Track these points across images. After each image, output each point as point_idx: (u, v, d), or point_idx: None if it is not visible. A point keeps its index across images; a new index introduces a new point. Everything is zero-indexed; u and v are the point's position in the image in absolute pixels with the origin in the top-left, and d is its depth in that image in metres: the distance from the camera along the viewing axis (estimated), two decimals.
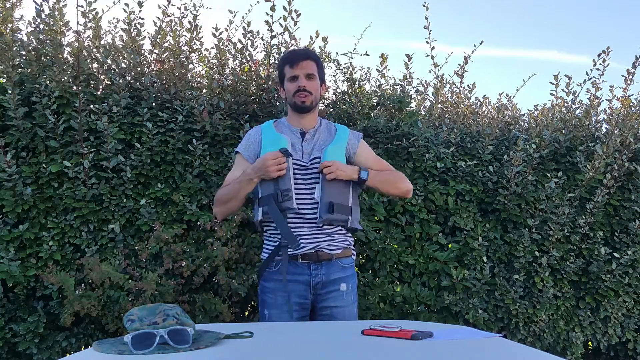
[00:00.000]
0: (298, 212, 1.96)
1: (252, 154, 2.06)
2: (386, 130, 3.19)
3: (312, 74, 2.03)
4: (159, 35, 3.10)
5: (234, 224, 2.86)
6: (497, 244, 3.18)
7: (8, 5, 2.94)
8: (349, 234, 2.10)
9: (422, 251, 3.12)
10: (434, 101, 3.49)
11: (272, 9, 3.07)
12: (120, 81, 2.88)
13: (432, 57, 3.43)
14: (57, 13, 2.89)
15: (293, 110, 2.08)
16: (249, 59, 3.19)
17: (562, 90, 3.46)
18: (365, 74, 3.49)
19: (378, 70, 3.40)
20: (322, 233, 2.00)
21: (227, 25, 3.24)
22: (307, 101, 2.02)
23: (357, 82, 3.39)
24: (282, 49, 3.19)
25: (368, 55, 3.35)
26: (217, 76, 3.15)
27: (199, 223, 2.89)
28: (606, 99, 3.51)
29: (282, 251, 1.95)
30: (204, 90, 3.14)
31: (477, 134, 3.34)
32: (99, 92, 2.95)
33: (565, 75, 3.45)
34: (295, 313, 1.99)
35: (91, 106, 2.82)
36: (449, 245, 3.13)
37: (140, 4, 3.02)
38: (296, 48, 2.66)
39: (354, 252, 2.14)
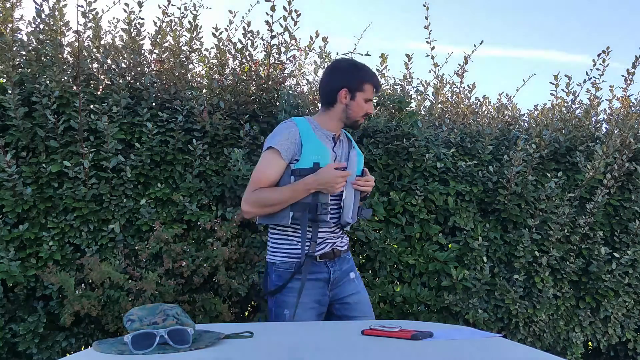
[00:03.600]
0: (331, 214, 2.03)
1: (290, 155, 1.98)
2: (386, 130, 3.19)
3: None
4: (159, 35, 3.10)
5: (234, 224, 2.86)
6: (497, 244, 3.18)
7: (8, 5, 2.94)
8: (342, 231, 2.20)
9: (422, 251, 3.12)
10: (434, 101, 3.49)
11: (272, 9, 3.07)
12: (120, 81, 2.88)
13: (432, 57, 3.43)
14: (57, 13, 2.89)
15: (343, 122, 2.09)
16: (249, 59, 3.19)
17: (562, 90, 3.46)
18: None
19: (378, 70, 3.40)
20: (336, 233, 2.10)
21: (227, 25, 3.24)
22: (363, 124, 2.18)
23: None
24: (282, 49, 3.19)
25: (369, 55, 3.35)
26: (217, 76, 3.15)
27: (199, 223, 2.89)
28: (606, 99, 3.52)
29: (305, 258, 1.98)
30: (204, 90, 3.14)
31: (477, 134, 3.34)
32: (99, 92, 2.95)
33: (565, 75, 3.45)
34: (315, 310, 2.01)
35: (91, 106, 2.82)
36: (449, 245, 3.13)
37: (140, 4, 3.02)
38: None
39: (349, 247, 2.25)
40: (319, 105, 2.21)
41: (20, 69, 2.84)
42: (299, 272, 1.97)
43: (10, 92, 2.67)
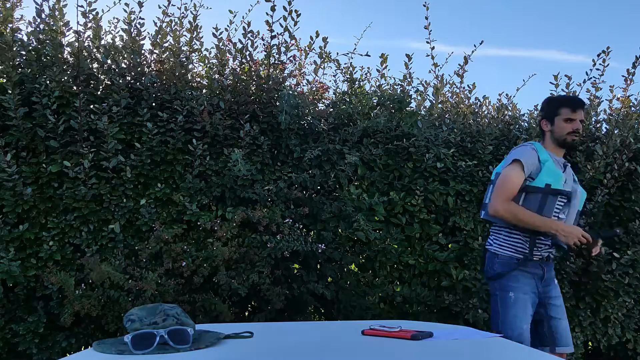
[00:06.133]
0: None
1: (529, 171, 2.30)
2: (386, 130, 3.19)
3: (583, 120, 2.36)
4: (159, 35, 3.10)
5: (234, 224, 2.86)
6: None
7: (8, 5, 2.94)
8: None
9: (422, 251, 3.12)
10: (434, 101, 3.49)
11: (272, 9, 3.07)
12: (120, 81, 2.88)
13: (432, 57, 3.43)
14: (57, 13, 2.89)
15: (558, 145, 2.36)
16: (249, 59, 3.19)
17: (562, 90, 3.45)
18: (365, 74, 3.49)
19: (378, 70, 3.40)
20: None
21: (227, 25, 3.24)
22: (576, 140, 2.35)
23: (357, 82, 3.39)
24: (282, 49, 3.19)
25: (369, 55, 3.35)
26: (217, 76, 3.15)
27: (199, 223, 2.89)
28: (606, 99, 3.51)
29: (526, 257, 2.31)
30: (204, 90, 3.14)
31: (477, 134, 3.34)
32: (99, 92, 2.95)
33: (565, 75, 3.45)
34: (530, 298, 2.30)
35: (91, 106, 2.82)
36: (449, 245, 3.13)
37: (140, 4, 3.02)
38: (577, 97, 2.88)
39: None
40: (319, 105, 2.28)
41: (20, 69, 2.84)
42: (523, 265, 2.30)
43: (10, 92, 2.67)
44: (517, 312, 2.24)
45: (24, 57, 2.87)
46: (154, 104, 2.99)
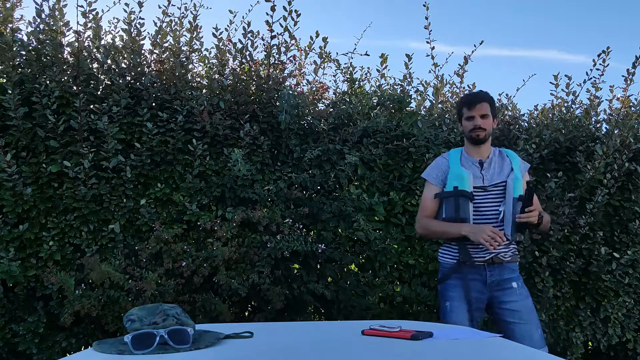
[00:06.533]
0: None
1: (439, 181, 2.43)
2: (386, 130, 3.19)
3: (486, 114, 2.38)
4: (159, 35, 3.10)
5: (234, 224, 2.86)
6: None
7: (8, 5, 2.94)
8: (514, 244, 2.42)
9: (422, 251, 3.12)
10: (434, 101, 3.48)
11: (272, 9, 3.07)
12: (120, 81, 2.88)
13: (432, 57, 3.43)
14: (57, 13, 2.89)
15: (470, 143, 2.42)
16: (249, 59, 3.19)
17: (562, 90, 3.46)
18: (365, 74, 3.49)
19: (378, 70, 3.40)
20: (501, 245, 2.29)
21: (227, 25, 3.24)
22: (481, 135, 2.37)
23: (357, 82, 3.39)
24: (282, 49, 3.19)
25: (368, 55, 3.35)
26: (217, 76, 3.14)
27: (199, 223, 2.89)
28: (606, 99, 3.51)
29: (461, 263, 2.35)
30: (204, 90, 3.14)
31: None
32: (99, 92, 2.95)
33: (565, 75, 3.45)
34: (468, 305, 2.32)
35: (91, 106, 2.82)
36: None
37: (140, 4, 3.02)
38: (473, 91, 2.96)
39: (518, 258, 2.44)
40: (319, 105, 2.29)
41: (20, 69, 2.84)
42: (457, 272, 2.35)
43: (10, 92, 2.67)
44: (455, 321, 2.28)
45: (24, 57, 2.87)
46: (154, 104, 2.99)
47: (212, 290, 2.89)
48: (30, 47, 2.87)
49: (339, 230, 3.10)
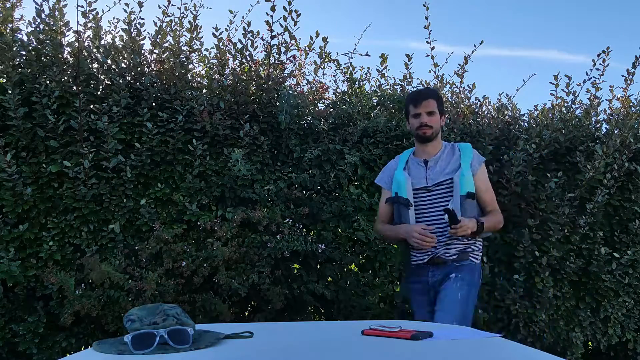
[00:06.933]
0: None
1: (388, 185, 2.45)
2: (386, 130, 3.18)
3: (432, 111, 2.34)
4: (159, 35, 3.09)
5: (234, 224, 2.86)
6: (497, 244, 3.18)
7: (8, 5, 2.94)
8: (471, 240, 2.34)
9: None
10: None
11: (272, 9, 3.07)
12: (120, 81, 2.87)
13: (432, 57, 3.43)
14: (57, 13, 2.89)
15: (418, 141, 2.40)
16: (249, 59, 3.19)
17: (562, 90, 3.46)
18: (365, 74, 3.49)
19: (378, 70, 3.40)
20: (439, 244, 2.30)
21: (227, 25, 3.24)
22: (428, 133, 2.35)
23: (357, 82, 3.39)
24: (282, 49, 3.19)
25: (369, 55, 3.35)
26: (217, 76, 3.14)
27: (199, 223, 2.89)
28: (606, 99, 3.51)
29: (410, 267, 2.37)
30: (204, 90, 3.14)
31: (477, 134, 3.34)
32: (99, 92, 2.95)
33: (565, 75, 3.45)
34: (426, 307, 2.35)
35: (91, 106, 2.82)
36: None
37: (140, 4, 3.02)
38: (421, 89, 2.94)
39: (475, 256, 2.35)
40: (319, 105, 2.30)
41: (20, 69, 2.84)
42: (411, 274, 2.40)
43: (10, 92, 2.67)
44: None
45: (24, 57, 2.87)
46: (154, 104, 2.99)
47: (212, 290, 2.89)
48: (30, 47, 2.87)
49: (339, 230, 3.10)
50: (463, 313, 2.22)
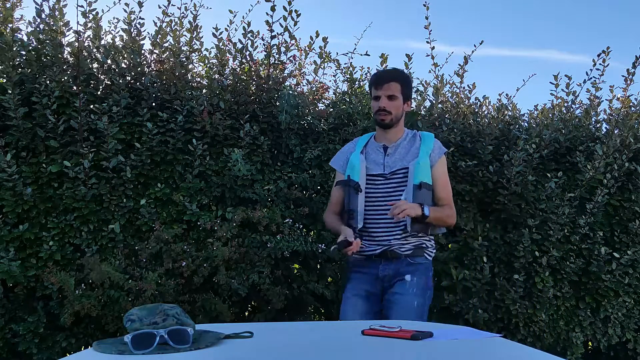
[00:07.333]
0: (379, 219, 2.23)
1: (343, 169, 2.34)
2: None
3: (393, 95, 2.22)
4: (159, 35, 3.09)
5: (234, 224, 2.86)
6: (497, 244, 3.18)
7: (8, 5, 2.94)
8: (425, 236, 2.27)
9: None
10: (433, 101, 3.48)
11: (272, 9, 3.07)
12: (120, 81, 2.87)
13: (432, 57, 3.43)
14: (57, 13, 2.89)
15: (378, 126, 2.31)
16: (249, 59, 3.19)
17: (562, 90, 3.46)
18: (365, 74, 3.49)
19: (378, 71, 3.40)
20: (395, 237, 2.22)
21: (227, 25, 3.24)
22: (386, 119, 2.24)
23: (357, 82, 3.39)
24: (282, 49, 3.19)
25: (369, 55, 3.35)
26: (217, 76, 3.14)
27: (199, 223, 2.89)
28: (606, 99, 3.51)
29: (354, 257, 2.28)
30: (204, 90, 3.14)
31: (477, 134, 3.34)
32: (99, 92, 2.95)
33: (565, 75, 3.45)
34: (362, 299, 2.27)
35: (91, 106, 2.81)
36: (449, 245, 3.12)
37: (140, 4, 3.02)
38: (385, 70, 2.80)
39: (429, 253, 2.30)
40: (319, 105, 2.29)
41: (20, 69, 2.84)
42: (354, 265, 2.33)
43: (10, 92, 2.67)
44: (346, 310, 2.26)
45: (24, 57, 2.87)
46: (154, 104, 2.99)
47: (212, 290, 2.89)
48: (30, 47, 2.87)
49: None
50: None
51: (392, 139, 2.29)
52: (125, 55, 3.02)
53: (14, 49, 2.80)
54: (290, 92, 3.09)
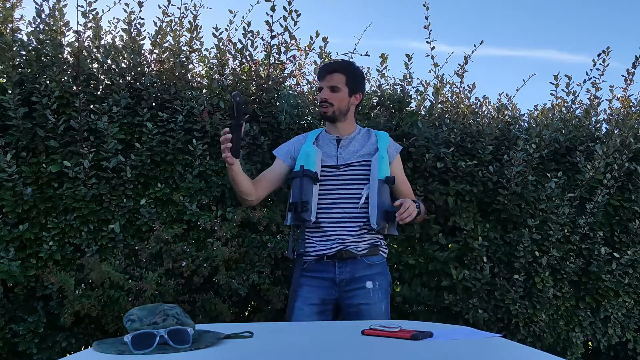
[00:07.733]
0: (332, 213, 2.13)
1: (288, 156, 2.26)
2: (386, 130, 3.18)
3: (336, 87, 2.15)
4: (159, 35, 3.10)
5: (234, 224, 2.86)
6: (497, 244, 3.18)
7: (8, 5, 2.94)
8: (379, 234, 2.18)
9: (422, 251, 3.12)
10: (434, 101, 3.48)
11: (272, 9, 3.07)
12: (120, 81, 2.88)
13: (432, 57, 3.43)
14: (57, 13, 2.89)
15: (322, 119, 2.29)
16: (249, 59, 3.19)
17: (562, 90, 3.46)
18: (365, 74, 3.48)
19: (378, 70, 3.40)
20: (350, 233, 2.11)
21: (227, 25, 3.24)
22: (328, 112, 2.18)
23: None
24: (282, 49, 3.20)
25: (369, 55, 3.35)
26: (217, 76, 3.15)
27: (199, 223, 2.89)
28: (606, 99, 3.51)
29: (304, 257, 2.14)
30: (204, 90, 3.14)
31: (477, 134, 3.34)
32: (99, 92, 2.95)
33: (565, 75, 3.45)
34: (317, 307, 2.11)
35: (91, 106, 2.82)
36: (449, 245, 3.12)
37: (140, 4, 3.02)
38: (331, 61, 2.74)
39: (384, 250, 2.22)
40: (319, 105, 2.27)
41: (20, 69, 2.84)
42: (305, 268, 2.13)
43: (10, 92, 2.67)
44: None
45: (24, 57, 2.87)
46: (154, 104, 2.99)
47: (212, 290, 2.89)
48: (30, 47, 2.87)
49: None
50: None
51: (344, 133, 2.24)
52: (125, 55, 3.02)
53: (14, 49, 2.80)
54: (290, 92, 3.09)
